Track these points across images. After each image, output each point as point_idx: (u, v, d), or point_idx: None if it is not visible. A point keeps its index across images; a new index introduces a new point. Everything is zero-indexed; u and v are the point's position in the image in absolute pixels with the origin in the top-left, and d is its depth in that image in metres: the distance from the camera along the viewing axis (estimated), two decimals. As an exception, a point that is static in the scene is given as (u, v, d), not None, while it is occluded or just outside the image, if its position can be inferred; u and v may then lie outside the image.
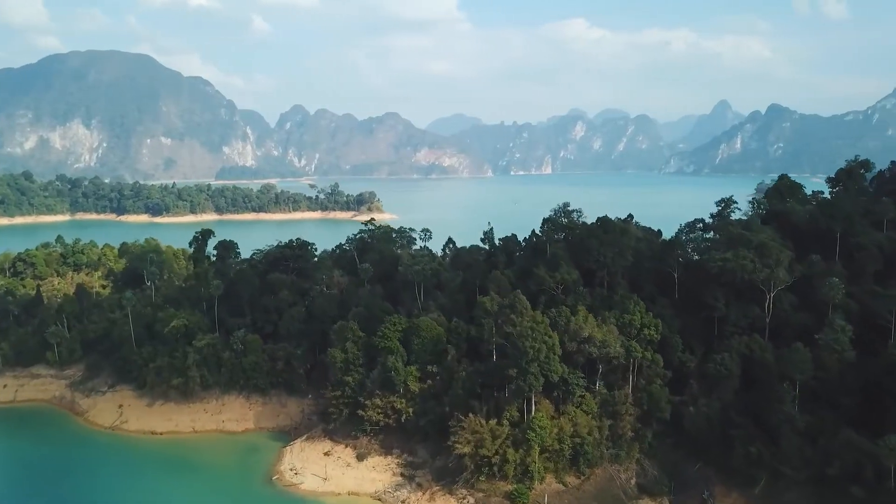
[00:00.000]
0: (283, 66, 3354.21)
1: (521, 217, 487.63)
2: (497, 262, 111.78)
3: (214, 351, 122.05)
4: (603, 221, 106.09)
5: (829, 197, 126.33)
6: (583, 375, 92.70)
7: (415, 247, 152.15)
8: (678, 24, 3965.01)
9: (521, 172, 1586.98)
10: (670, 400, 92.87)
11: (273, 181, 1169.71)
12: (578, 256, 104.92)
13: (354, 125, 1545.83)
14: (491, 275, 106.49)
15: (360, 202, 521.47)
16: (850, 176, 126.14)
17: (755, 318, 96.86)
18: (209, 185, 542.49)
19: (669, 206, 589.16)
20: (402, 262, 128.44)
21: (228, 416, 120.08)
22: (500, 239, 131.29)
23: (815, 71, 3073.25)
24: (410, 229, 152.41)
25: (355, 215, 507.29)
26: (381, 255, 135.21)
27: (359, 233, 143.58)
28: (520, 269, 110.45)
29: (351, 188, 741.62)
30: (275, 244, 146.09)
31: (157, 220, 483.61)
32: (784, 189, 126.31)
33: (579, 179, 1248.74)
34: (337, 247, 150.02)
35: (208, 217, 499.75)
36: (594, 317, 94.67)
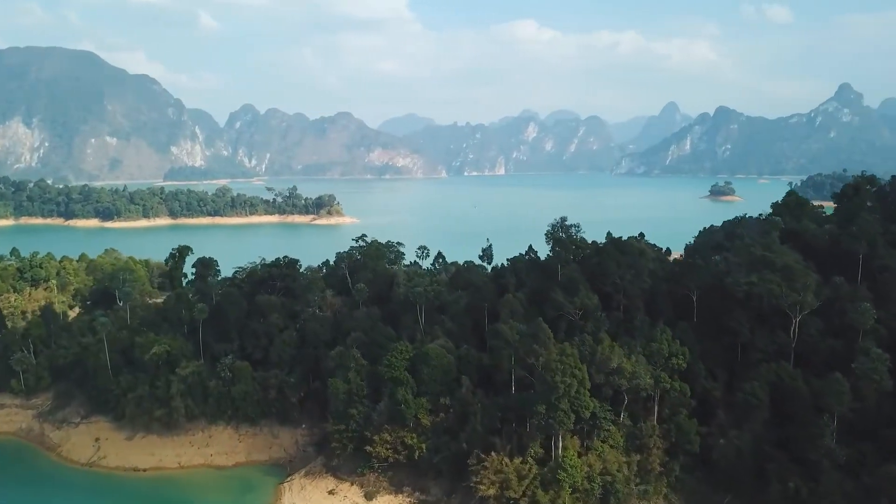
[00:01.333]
0: (232, 64, 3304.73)
1: (482, 222, 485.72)
2: (506, 283, 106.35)
3: (200, 379, 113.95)
4: (618, 242, 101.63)
5: (834, 214, 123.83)
6: (610, 408, 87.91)
7: (404, 262, 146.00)
8: (627, 27, 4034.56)
9: (475, 173, 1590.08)
10: (699, 431, 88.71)
11: (224, 182, 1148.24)
12: (595, 279, 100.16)
13: (306, 125, 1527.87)
14: (504, 298, 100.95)
15: (319, 205, 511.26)
16: (857, 192, 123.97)
17: (781, 344, 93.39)
18: (162, 188, 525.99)
19: (631, 209, 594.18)
20: (398, 282, 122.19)
21: (217, 450, 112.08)
22: (508, 260, 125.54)
23: (760, 74, 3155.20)
24: (398, 243, 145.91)
25: (314, 219, 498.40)
26: (374, 273, 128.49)
27: (349, 249, 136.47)
28: (531, 291, 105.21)
29: (303, 189, 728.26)
30: (258, 261, 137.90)
31: (108, 224, 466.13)
32: (793, 206, 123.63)
33: (533, 181, 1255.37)
34: (324, 263, 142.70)
35: (162, 221, 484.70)
36: (618, 345, 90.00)
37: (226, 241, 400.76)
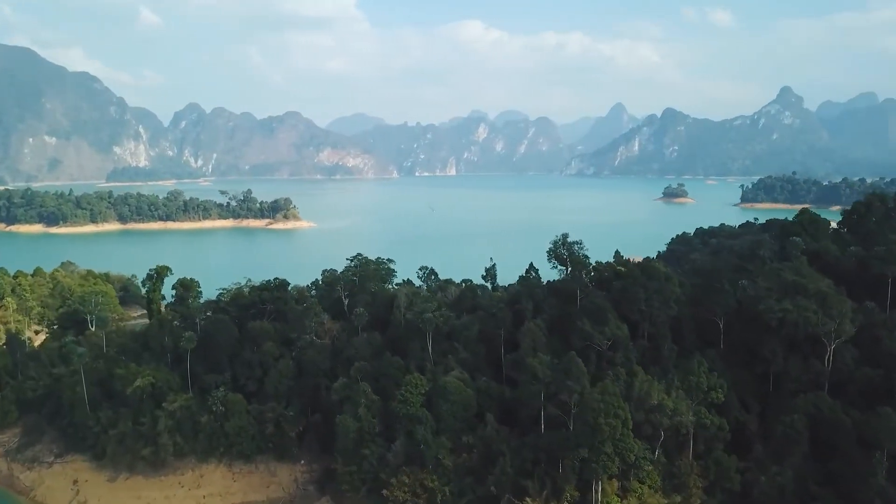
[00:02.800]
0: (176, 62, 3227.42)
1: (442, 226, 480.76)
2: (522, 310, 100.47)
3: (190, 414, 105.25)
4: (644, 266, 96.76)
5: (847, 231, 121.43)
6: (648, 447, 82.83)
7: (395, 280, 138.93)
8: (572, 28, 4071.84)
9: (426, 174, 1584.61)
10: (739, 468, 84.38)
11: (169, 183, 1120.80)
12: (619, 306, 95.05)
13: (254, 124, 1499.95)
14: (524, 327, 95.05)
15: (276, 209, 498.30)
16: (868, 209, 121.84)
17: (816, 373, 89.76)
18: (110, 191, 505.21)
19: (588, 212, 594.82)
20: (399, 304, 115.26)
21: (209, 490, 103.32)
22: (521, 283, 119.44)
23: (704, 76, 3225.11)
24: (389, 260, 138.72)
25: (270, 223, 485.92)
26: (373, 295, 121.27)
27: (345, 269, 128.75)
28: (550, 318, 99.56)
29: (252, 189, 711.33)
30: (244, 282, 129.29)
31: (54, 230, 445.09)
32: (807, 223, 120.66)
33: (484, 182, 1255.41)
34: (312, 284, 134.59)
35: (110, 227, 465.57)
36: (655, 380, 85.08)
37: (181, 247, 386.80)
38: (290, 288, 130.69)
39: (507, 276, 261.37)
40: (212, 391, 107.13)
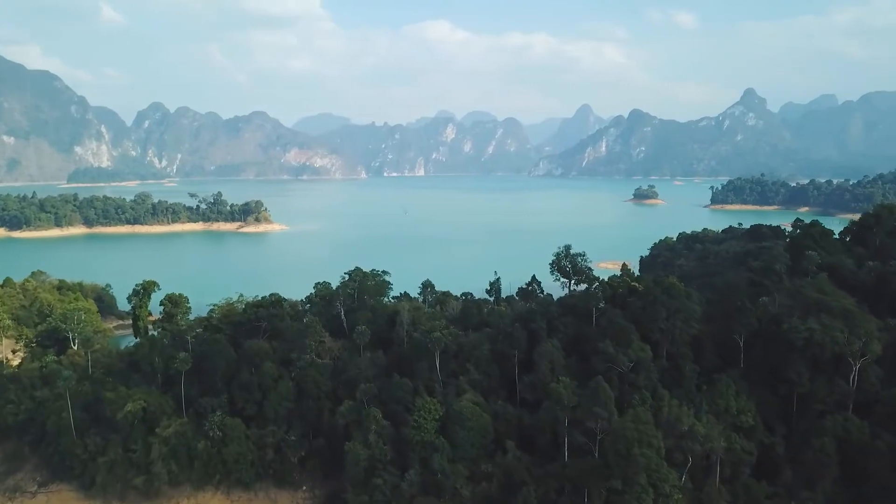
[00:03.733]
0: (138, 60, 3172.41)
1: (418, 228, 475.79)
2: (537, 328, 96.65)
3: (185, 440, 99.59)
4: (665, 284, 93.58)
5: (856, 243, 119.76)
6: (676, 474, 79.55)
7: (391, 292, 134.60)
8: (537, 29, 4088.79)
9: (395, 174, 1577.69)
10: (768, 494, 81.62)
11: (133, 184, 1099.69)
12: (640, 325, 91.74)
13: (219, 124, 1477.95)
14: (541, 348, 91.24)
15: (246, 212, 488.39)
16: (878, 222, 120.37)
17: (842, 393, 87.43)
18: (75, 194, 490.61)
19: (560, 214, 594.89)
20: (402, 321, 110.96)
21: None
22: (531, 298, 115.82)
23: (669, 77, 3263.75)
24: (384, 272, 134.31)
25: (241, 226, 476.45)
26: (374, 311, 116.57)
27: (342, 283, 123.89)
28: (566, 338, 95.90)
29: (217, 190, 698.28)
30: (235, 297, 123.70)
31: (17, 234, 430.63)
32: (816, 236, 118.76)
33: (454, 182, 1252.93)
34: (306, 299, 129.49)
35: (76, 231, 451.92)
36: (679, 401, 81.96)
37: (151, 253, 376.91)
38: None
39: (492, 277, 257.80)
40: (208, 415, 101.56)
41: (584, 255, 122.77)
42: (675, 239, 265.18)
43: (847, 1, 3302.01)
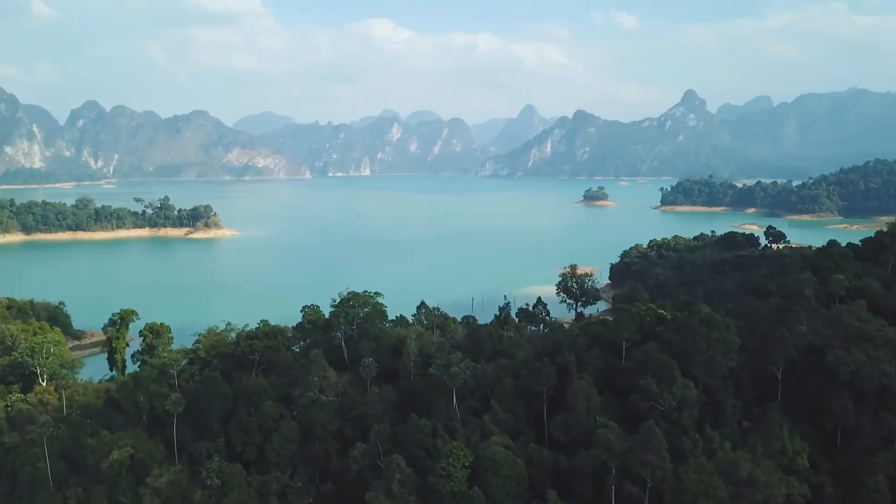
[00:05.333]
0: (71, 57, 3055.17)
1: (374, 232, 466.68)
2: (565, 362, 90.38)
3: (180, 490, 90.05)
4: (703, 315, 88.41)
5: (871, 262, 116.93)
6: (733, 524, 74.37)
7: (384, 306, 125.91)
8: (481, 29, 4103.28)
9: (340, 174, 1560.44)
10: (823, 540, 77.36)
11: (68, 185, 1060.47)
12: (678, 359, 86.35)
13: (158, 123, 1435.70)
14: (575, 386, 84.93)
15: (196, 217, 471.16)
16: (894, 241, 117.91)
17: (891, 427, 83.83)
18: (12, 199, 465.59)
19: (513, 216, 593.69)
20: (409, 351, 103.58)
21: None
22: (561, 333, 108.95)
23: (611, 78, 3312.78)
24: (376, 293, 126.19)
25: (190, 232, 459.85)
26: (377, 341, 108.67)
27: (338, 308, 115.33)
28: (595, 372, 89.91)
29: (158, 191, 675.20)
30: (223, 326, 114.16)
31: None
32: (837, 256, 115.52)
33: (400, 183, 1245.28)
34: (297, 327, 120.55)
35: (13, 238, 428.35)
36: (731, 443, 76.91)
37: (98, 262, 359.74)
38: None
39: (462, 289, 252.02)
40: (204, 461, 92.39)
41: (591, 277, 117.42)
42: (645, 245, 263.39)
43: (781, 5, 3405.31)
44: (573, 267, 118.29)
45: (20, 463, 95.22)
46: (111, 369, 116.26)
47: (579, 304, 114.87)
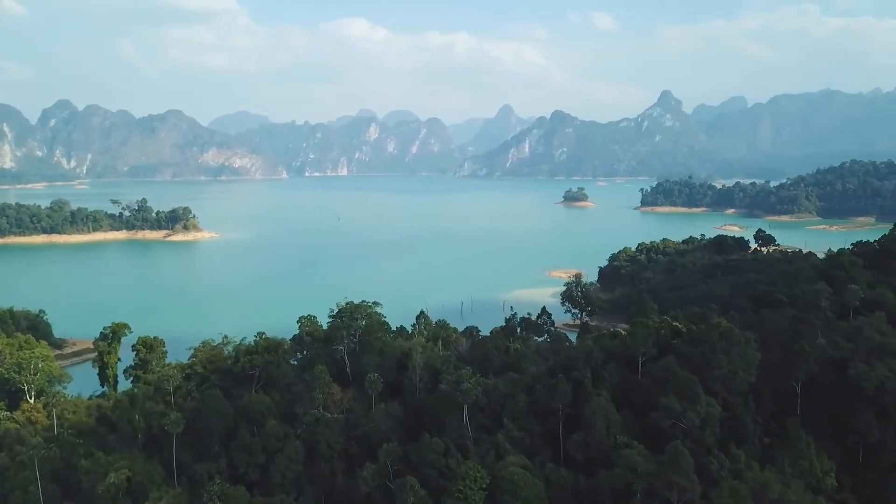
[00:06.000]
0: (42, 55, 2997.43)
1: (354, 235, 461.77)
2: (580, 378, 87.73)
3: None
4: (723, 330, 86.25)
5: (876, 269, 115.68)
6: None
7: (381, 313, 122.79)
8: (457, 28, 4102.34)
9: (317, 174, 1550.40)
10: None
11: (39, 186, 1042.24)
12: (698, 374, 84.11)
13: (132, 123, 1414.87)
14: (594, 403, 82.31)
15: (174, 219, 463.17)
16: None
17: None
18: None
19: (494, 217, 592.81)
20: (415, 365, 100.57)
21: None
22: (575, 347, 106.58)
23: (588, 79, 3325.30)
24: (375, 303, 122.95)
25: (168, 234, 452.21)
26: (381, 355, 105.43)
27: (337, 320, 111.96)
28: (614, 388, 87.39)
29: (132, 192, 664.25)
30: (220, 340, 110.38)
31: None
32: (847, 265, 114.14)
33: (378, 183, 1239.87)
34: (295, 339, 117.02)
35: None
36: (758, 463, 74.80)
37: (76, 267, 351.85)
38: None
39: (450, 292, 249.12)
40: (205, 483, 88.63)
41: (593, 283, 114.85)
42: (633, 249, 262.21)
43: (754, 6, 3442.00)
44: (577, 275, 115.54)
45: (10, 486, 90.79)
46: (102, 385, 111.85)
47: (584, 313, 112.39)
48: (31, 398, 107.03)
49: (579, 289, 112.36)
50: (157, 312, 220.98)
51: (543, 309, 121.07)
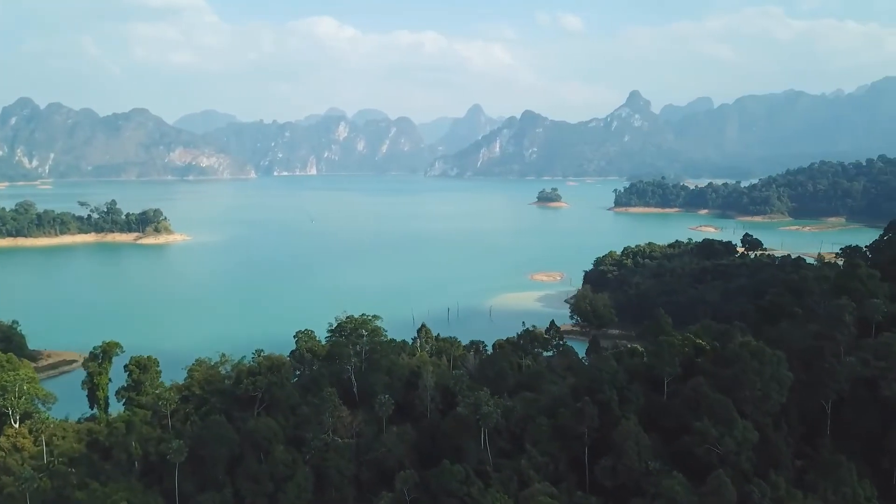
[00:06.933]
0: (1, 50, 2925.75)
1: (330, 238, 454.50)
2: (606, 400, 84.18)
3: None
4: (754, 349, 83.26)
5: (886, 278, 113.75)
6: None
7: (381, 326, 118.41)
8: (426, 27, 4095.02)
9: (286, 173, 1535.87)
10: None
11: (1, 185, 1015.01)
12: (728, 395, 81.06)
13: (96, 121, 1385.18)
14: (622, 427, 78.78)
15: (145, 221, 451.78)
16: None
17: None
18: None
19: (470, 218, 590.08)
20: (426, 384, 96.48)
21: None
22: (597, 367, 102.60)
23: (557, 79, 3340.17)
24: (374, 316, 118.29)
25: (139, 237, 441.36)
26: (390, 374, 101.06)
27: (333, 331, 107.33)
28: (637, 409, 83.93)
29: (97, 192, 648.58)
30: (218, 358, 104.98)
31: None
32: (865, 277, 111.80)
33: (349, 182, 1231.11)
34: (295, 356, 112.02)
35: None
36: (801, 493, 72.00)
37: (47, 271, 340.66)
38: (255, 357, 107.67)
39: (434, 298, 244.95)
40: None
41: (606, 303, 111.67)
42: (619, 253, 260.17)
43: (719, 8, 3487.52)
44: (587, 288, 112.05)
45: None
46: (91, 407, 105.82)
47: (593, 327, 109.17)
48: (15, 422, 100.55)
49: (588, 303, 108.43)
50: (135, 321, 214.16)
51: (552, 323, 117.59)
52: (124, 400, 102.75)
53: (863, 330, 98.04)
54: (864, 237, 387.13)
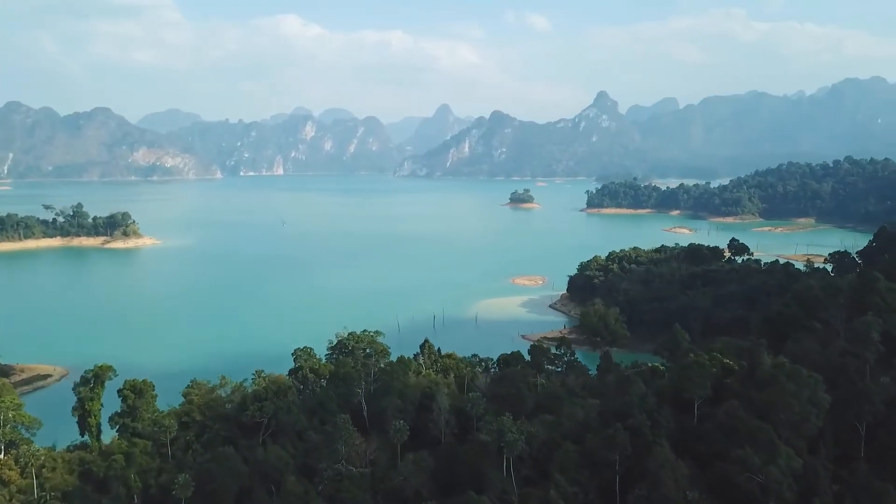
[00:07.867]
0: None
1: (303, 241, 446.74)
2: (638, 426, 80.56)
3: (192, 592, 76.41)
4: (789, 370, 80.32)
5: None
6: None
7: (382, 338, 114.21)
8: (392, 27, 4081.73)
9: (252, 173, 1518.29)
10: None
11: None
12: (765, 419, 78.04)
13: (57, 121, 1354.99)
14: (659, 456, 75.18)
15: (112, 225, 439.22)
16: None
17: None
18: None
19: (444, 220, 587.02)
20: (441, 407, 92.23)
21: None
22: (625, 390, 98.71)
23: (524, 79, 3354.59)
24: (376, 332, 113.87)
25: (107, 241, 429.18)
26: (401, 395, 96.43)
27: (334, 349, 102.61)
28: (672, 436, 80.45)
29: (58, 193, 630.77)
30: (218, 382, 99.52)
31: None
32: (883, 292, 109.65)
33: (316, 183, 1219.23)
34: (292, 373, 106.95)
35: None
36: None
37: (8, 278, 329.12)
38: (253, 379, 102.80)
39: (417, 305, 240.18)
40: (219, 555, 78.64)
41: (621, 316, 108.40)
42: (604, 258, 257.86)
43: (684, 9, 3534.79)
44: (596, 303, 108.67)
45: (-11, 567, 78.74)
46: (82, 434, 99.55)
47: (605, 343, 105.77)
48: (0, 453, 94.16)
49: (598, 318, 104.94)
50: (111, 331, 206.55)
51: (563, 338, 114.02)
52: (118, 426, 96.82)
53: (887, 346, 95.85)
54: (834, 238, 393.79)
